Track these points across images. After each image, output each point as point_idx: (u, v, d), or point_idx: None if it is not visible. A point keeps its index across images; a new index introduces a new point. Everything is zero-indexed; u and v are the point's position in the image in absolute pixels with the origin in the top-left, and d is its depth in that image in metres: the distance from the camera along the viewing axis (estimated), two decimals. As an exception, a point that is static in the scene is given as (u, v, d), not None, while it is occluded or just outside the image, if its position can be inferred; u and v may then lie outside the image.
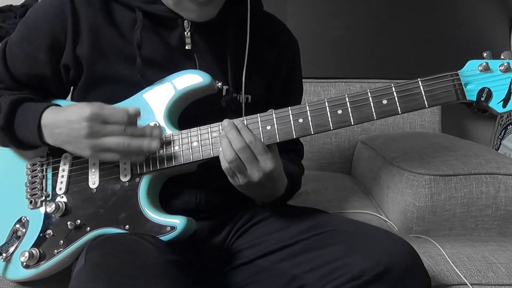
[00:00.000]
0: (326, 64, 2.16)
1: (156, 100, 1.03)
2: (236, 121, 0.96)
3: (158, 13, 1.06)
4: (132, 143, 0.94)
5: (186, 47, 1.08)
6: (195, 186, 1.08)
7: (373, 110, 0.92)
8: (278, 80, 1.19)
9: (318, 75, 2.09)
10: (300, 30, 1.91)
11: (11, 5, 2.11)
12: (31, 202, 1.06)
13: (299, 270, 0.96)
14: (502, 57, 0.90)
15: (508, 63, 0.88)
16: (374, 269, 0.87)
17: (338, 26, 2.18)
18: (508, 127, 2.23)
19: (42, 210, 1.05)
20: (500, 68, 0.89)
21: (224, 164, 0.94)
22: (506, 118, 2.26)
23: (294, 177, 1.15)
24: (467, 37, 2.22)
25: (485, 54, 0.90)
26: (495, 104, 0.89)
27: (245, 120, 0.97)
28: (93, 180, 1.03)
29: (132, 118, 0.96)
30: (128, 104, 1.05)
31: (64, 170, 1.06)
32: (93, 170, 1.04)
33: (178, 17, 1.06)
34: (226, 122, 0.96)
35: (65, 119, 0.96)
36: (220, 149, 0.95)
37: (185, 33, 1.07)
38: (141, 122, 1.02)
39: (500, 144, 2.26)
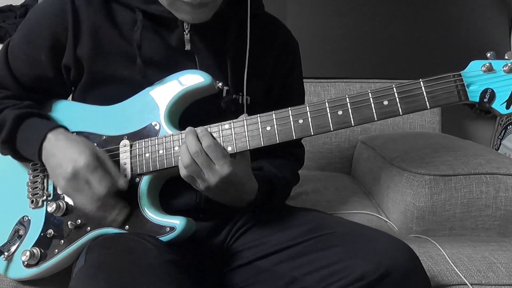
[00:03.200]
0: (326, 64, 2.16)
1: (157, 100, 1.03)
2: (199, 128, 0.96)
3: (158, 14, 1.06)
4: (95, 214, 0.98)
5: (186, 48, 1.08)
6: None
7: (374, 111, 0.91)
8: (277, 82, 1.19)
9: (318, 75, 2.09)
10: (300, 30, 1.91)
11: (11, 5, 2.11)
12: (32, 201, 1.07)
13: (299, 272, 0.96)
14: (506, 57, 0.88)
15: (512, 64, 0.87)
16: (374, 272, 0.87)
17: (338, 26, 2.18)
18: (508, 127, 2.24)
19: (43, 209, 1.06)
20: (504, 68, 0.87)
21: (182, 171, 0.95)
22: (506, 118, 2.26)
23: (276, 182, 1.13)
24: (467, 37, 2.22)
25: (488, 55, 0.88)
26: (498, 105, 0.87)
27: (245, 120, 0.97)
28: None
29: (111, 192, 0.97)
30: (129, 104, 1.05)
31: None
32: (94, 170, 1.04)
33: (178, 17, 1.06)
34: (187, 129, 0.96)
35: (62, 152, 0.98)
36: (179, 157, 0.95)
37: (185, 33, 1.07)
38: (142, 122, 1.03)
39: (500, 144, 2.26)
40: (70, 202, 1.04)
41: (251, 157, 1.07)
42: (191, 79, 1.01)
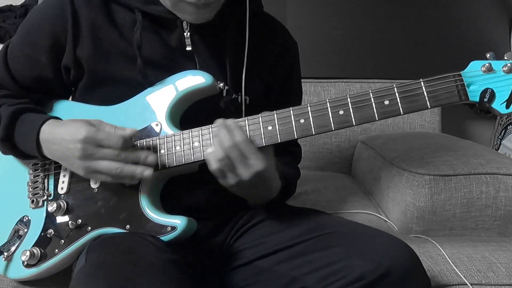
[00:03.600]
0: (326, 64, 2.16)
1: (158, 101, 1.03)
2: (229, 121, 0.96)
3: (157, 14, 1.06)
4: (125, 170, 0.94)
5: (186, 48, 1.08)
6: (196, 186, 1.08)
7: (375, 111, 0.92)
8: (276, 82, 1.19)
9: (318, 75, 2.09)
10: (300, 30, 1.92)
11: (11, 5, 2.11)
12: (33, 201, 1.06)
13: (299, 272, 0.96)
14: (506, 58, 0.89)
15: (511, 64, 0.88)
16: (374, 271, 0.87)
17: (338, 26, 2.18)
18: (508, 127, 2.24)
19: (43, 209, 1.05)
20: (504, 68, 0.88)
21: (214, 165, 0.94)
22: (506, 118, 2.26)
23: (289, 179, 1.14)
24: (467, 37, 2.22)
25: (488, 55, 0.90)
26: (498, 105, 0.89)
27: (247, 120, 0.97)
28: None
29: (127, 143, 0.95)
30: (130, 104, 1.05)
31: (66, 170, 1.06)
32: (95, 170, 1.03)
33: (178, 18, 1.06)
34: (219, 121, 0.96)
35: (61, 137, 0.96)
36: (208, 150, 0.95)
37: (185, 33, 1.07)
38: (143, 122, 1.03)
39: (500, 144, 2.26)
40: (71, 202, 1.04)
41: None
42: (193, 80, 1.02)
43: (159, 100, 1.03)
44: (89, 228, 1.00)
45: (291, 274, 0.97)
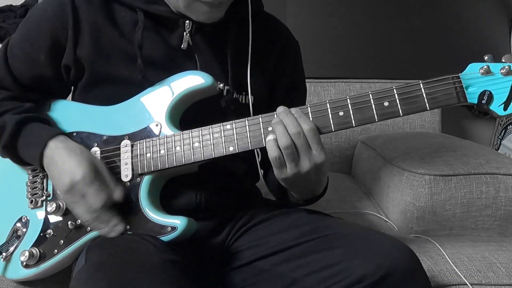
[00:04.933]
0: (326, 64, 2.16)
1: (158, 101, 1.03)
2: (293, 109, 0.94)
3: (159, 14, 1.06)
4: (91, 226, 0.99)
5: (187, 48, 1.08)
6: (196, 187, 1.08)
7: (375, 112, 0.92)
8: (281, 81, 1.19)
9: (318, 75, 2.09)
10: (300, 30, 1.90)
11: (11, 5, 2.11)
12: (31, 201, 1.06)
13: (299, 273, 0.96)
14: (503, 60, 0.90)
15: (509, 66, 0.88)
16: (374, 273, 0.87)
17: (338, 26, 2.17)
18: (508, 127, 2.24)
19: (42, 209, 1.05)
20: (501, 71, 0.89)
21: (274, 153, 0.91)
22: (506, 119, 2.26)
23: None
24: (467, 38, 2.22)
25: (486, 57, 0.91)
26: (496, 107, 0.89)
27: (247, 121, 0.97)
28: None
29: (107, 205, 0.97)
30: (130, 105, 1.05)
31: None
32: (94, 170, 1.03)
33: (180, 17, 1.06)
34: (281, 108, 0.94)
35: (61, 163, 0.98)
36: (269, 137, 0.92)
37: (186, 33, 1.07)
38: (143, 122, 1.03)
39: (500, 144, 2.26)
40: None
41: (251, 156, 1.08)
42: (193, 80, 1.02)
43: (159, 100, 1.03)
44: (89, 228, 1.00)
45: (291, 275, 0.97)
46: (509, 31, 2.28)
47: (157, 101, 1.03)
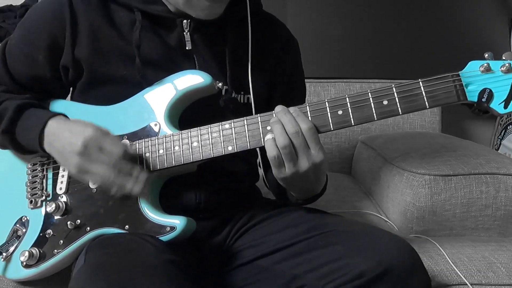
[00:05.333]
0: (326, 64, 2.16)
1: (157, 101, 1.03)
2: (292, 108, 0.94)
3: (157, 14, 1.06)
4: (116, 181, 0.94)
5: (186, 47, 1.08)
6: (195, 186, 1.08)
7: (374, 111, 0.92)
8: (280, 80, 1.19)
9: (318, 75, 2.09)
10: (300, 30, 1.90)
11: (11, 5, 2.11)
12: (31, 201, 1.06)
13: (299, 270, 0.96)
14: (504, 58, 0.90)
15: (510, 64, 0.88)
16: (374, 269, 0.87)
17: (338, 26, 2.17)
18: (508, 127, 2.23)
19: (42, 209, 1.05)
20: (502, 69, 0.89)
21: (273, 152, 0.91)
22: (506, 118, 2.26)
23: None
24: (467, 37, 2.22)
25: (486, 55, 0.90)
26: (497, 105, 0.89)
27: (246, 120, 0.97)
28: (93, 180, 1.03)
29: (127, 155, 0.95)
30: (129, 104, 1.05)
31: (64, 170, 1.06)
32: (94, 170, 1.03)
33: (177, 17, 1.06)
34: (279, 107, 0.94)
35: (67, 130, 0.97)
36: (268, 136, 0.93)
37: (184, 33, 1.07)
38: (142, 122, 1.03)
39: (500, 144, 2.26)
40: (70, 202, 1.04)
41: (251, 156, 1.08)
42: (191, 80, 1.02)
43: (158, 100, 1.03)
44: (88, 228, 1.00)
45: (291, 273, 0.97)
46: (509, 31, 2.28)
47: (155, 101, 1.03)
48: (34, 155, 1.09)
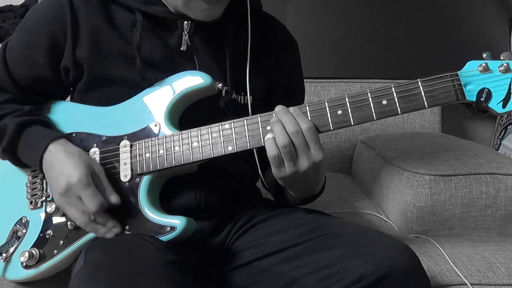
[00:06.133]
0: (326, 64, 2.16)
1: (157, 101, 1.03)
2: (292, 108, 0.94)
3: (157, 15, 1.06)
4: (87, 228, 0.98)
5: (186, 48, 1.08)
6: (195, 186, 1.08)
7: (373, 111, 0.92)
8: (280, 80, 1.19)
9: (318, 75, 2.09)
10: (300, 30, 1.91)
11: (11, 5, 2.12)
12: (31, 202, 1.06)
13: (299, 273, 0.96)
14: (502, 58, 0.90)
15: (508, 64, 0.88)
16: (374, 273, 0.87)
17: (338, 26, 2.17)
18: (508, 127, 2.23)
19: (42, 210, 1.05)
20: (500, 68, 0.89)
21: (273, 151, 0.91)
22: (506, 118, 2.25)
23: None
24: (467, 37, 2.22)
25: (484, 55, 0.90)
26: (495, 105, 0.89)
27: (246, 120, 0.97)
28: (94, 180, 1.03)
29: (102, 210, 0.97)
30: (129, 105, 1.05)
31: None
32: (93, 171, 1.03)
33: (178, 18, 1.06)
34: (279, 107, 0.95)
35: (59, 165, 0.98)
36: (268, 136, 0.93)
37: (184, 34, 1.07)
38: (142, 123, 1.03)
39: (500, 144, 2.26)
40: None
41: (251, 156, 1.07)
42: (191, 80, 1.02)
43: (158, 100, 1.03)
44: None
45: (290, 275, 0.97)
46: (509, 31, 2.28)
47: (156, 101, 1.03)
48: None
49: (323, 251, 0.96)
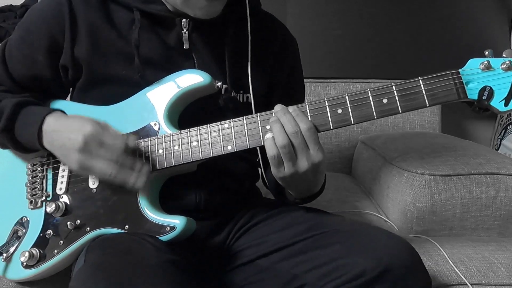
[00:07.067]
0: (326, 64, 2.16)
1: (156, 100, 1.03)
2: (291, 107, 0.94)
3: (156, 13, 1.06)
4: (118, 176, 0.93)
5: (185, 47, 1.08)
6: (195, 186, 1.08)
7: (374, 109, 0.92)
8: (279, 79, 1.19)
9: (318, 75, 2.09)
10: (300, 30, 1.91)
11: (11, 5, 2.12)
12: (31, 202, 1.06)
13: (299, 270, 0.96)
14: (504, 55, 0.89)
15: (510, 61, 0.87)
16: (374, 269, 0.87)
17: (338, 26, 2.18)
18: (508, 127, 2.23)
19: (42, 210, 1.05)
20: (502, 66, 0.88)
21: (272, 151, 0.91)
22: (506, 118, 2.26)
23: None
24: (467, 37, 2.22)
25: (486, 53, 0.90)
26: (497, 103, 0.88)
27: (245, 120, 0.97)
28: (93, 180, 1.03)
29: (128, 149, 0.95)
30: (128, 104, 1.05)
31: (64, 170, 1.06)
32: (93, 170, 1.03)
33: (176, 16, 1.06)
34: (279, 106, 0.94)
35: (66, 127, 0.97)
36: (268, 135, 0.93)
37: (183, 32, 1.07)
38: (141, 122, 1.03)
39: (500, 144, 2.26)
40: (70, 202, 1.03)
41: (251, 156, 1.07)
42: (191, 79, 1.02)
43: (157, 99, 1.03)
44: (88, 228, 1.00)
45: (291, 272, 0.97)
46: (509, 31, 2.28)
47: (155, 100, 1.03)
48: (34, 155, 1.09)
49: (323, 248, 0.96)
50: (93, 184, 1.02)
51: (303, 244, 0.99)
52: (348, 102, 0.93)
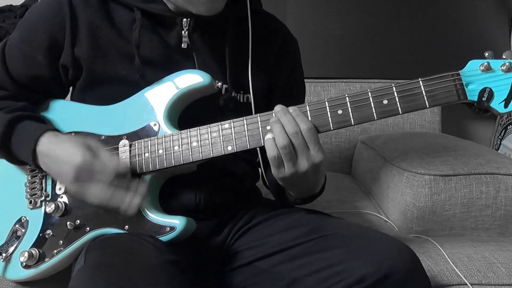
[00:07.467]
0: (326, 64, 2.16)
1: (156, 100, 1.03)
2: (291, 108, 0.94)
3: (156, 12, 1.06)
4: (113, 199, 0.94)
5: (185, 46, 1.08)
6: (195, 186, 1.07)
7: (374, 110, 0.92)
8: (280, 79, 1.19)
9: (318, 75, 2.09)
10: (300, 30, 1.91)
11: (11, 5, 2.11)
12: (30, 202, 1.06)
13: (299, 274, 0.95)
14: (504, 56, 0.89)
15: (510, 63, 0.88)
16: (374, 274, 0.87)
17: (338, 26, 2.17)
18: (508, 127, 2.23)
19: (42, 210, 1.05)
20: (502, 68, 0.88)
21: (273, 152, 0.91)
22: (506, 118, 2.26)
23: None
24: (467, 37, 2.22)
25: (486, 54, 0.90)
26: (497, 104, 0.88)
27: (245, 120, 0.97)
28: (93, 180, 1.03)
29: (121, 169, 0.95)
30: (128, 104, 1.05)
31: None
32: (93, 170, 1.03)
33: (177, 16, 1.06)
34: (279, 107, 0.94)
35: (56, 156, 0.97)
36: (268, 136, 0.92)
37: (184, 32, 1.07)
38: (141, 122, 1.02)
39: (500, 144, 2.26)
40: (70, 202, 1.03)
41: (251, 156, 1.07)
42: (191, 79, 1.01)
43: (157, 99, 1.03)
44: (88, 228, 1.00)
45: (291, 276, 0.97)
46: (509, 31, 2.28)
47: (155, 100, 1.03)
48: None
49: (323, 252, 0.96)
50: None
51: (303, 247, 0.99)
52: (348, 103, 0.92)
